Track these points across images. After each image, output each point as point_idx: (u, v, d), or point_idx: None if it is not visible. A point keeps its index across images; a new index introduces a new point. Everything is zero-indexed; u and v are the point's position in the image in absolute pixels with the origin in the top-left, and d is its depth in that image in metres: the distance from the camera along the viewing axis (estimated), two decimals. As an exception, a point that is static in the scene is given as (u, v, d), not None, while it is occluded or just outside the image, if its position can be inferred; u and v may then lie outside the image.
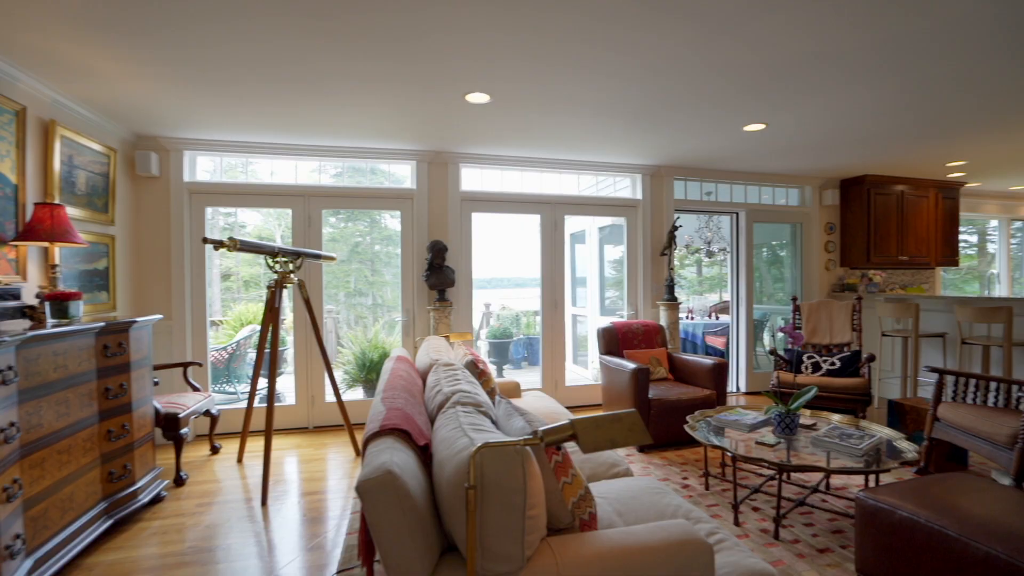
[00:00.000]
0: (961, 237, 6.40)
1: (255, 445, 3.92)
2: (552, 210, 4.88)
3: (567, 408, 4.90)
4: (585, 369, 6.21)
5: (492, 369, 6.26)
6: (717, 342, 6.24)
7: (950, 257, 6.12)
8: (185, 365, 3.74)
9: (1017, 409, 2.91)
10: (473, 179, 4.82)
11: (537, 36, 2.45)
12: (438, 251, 4.28)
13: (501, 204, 4.79)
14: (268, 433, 3.03)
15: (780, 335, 5.78)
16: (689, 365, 4.02)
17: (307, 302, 3.57)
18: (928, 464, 3.16)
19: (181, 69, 2.76)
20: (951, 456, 3.28)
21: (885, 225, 5.71)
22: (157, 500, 2.92)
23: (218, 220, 8.05)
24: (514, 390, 3.49)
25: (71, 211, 3.11)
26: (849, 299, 5.59)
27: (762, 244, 6.25)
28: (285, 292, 3.97)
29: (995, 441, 2.64)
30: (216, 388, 5.33)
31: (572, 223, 6.46)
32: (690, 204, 5.36)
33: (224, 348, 5.53)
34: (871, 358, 3.83)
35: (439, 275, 4.32)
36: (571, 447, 2.39)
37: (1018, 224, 7.59)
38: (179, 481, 3.18)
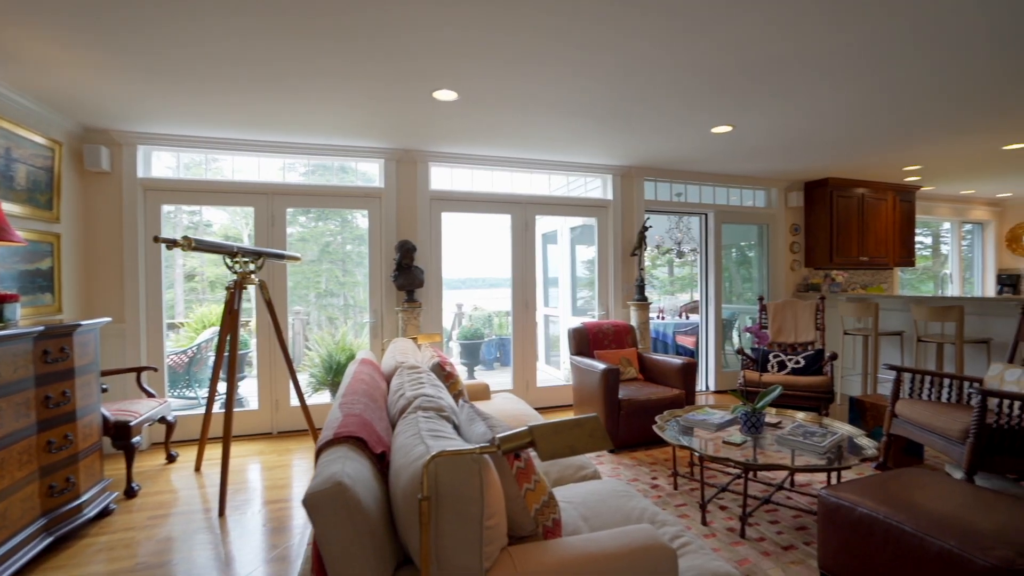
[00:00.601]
0: (917, 239, 6.64)
1: (215, 452, 3.76)
2: (523, 210, 4.85)
3: (538, 409, 4.88)
4: (557, 369, 6.21)
5: (463, 371, 6.20)
6: (687, 341, 6.32)
7: (907, 258, 6.35)
8: (139, 370, 3.57)
9: (968, 405, 3.01)
10: (443, 178, 4.76)
11: (505, 34, 2.41)
12: (406, 251, 4.20)
13: (471, 204, 4.73)
14: (226, 439, 2.91)
15: (747, 335, 5.89)
16: (659, 365, 4.04)
17: (269, 303, 3.44)
18: (887, 459, 3.25)
19: (132, 59, 2.62)
20: (908, 450, 3.38)
21: (846, 227, 5.88)
22: (105, 514, 2.76)
23: (182, 218, 7.74)
24: (483, 392, 3.44)
25: (9, 207, 2.92)
26: (813, 299, 5.73)
27: (731, 245, 6.36)
28: (248, 293, 3.84)
29: (948, 436, 2.72)
30: (175, 393, 5.12)
31: (544, 223, 6.45)
32: (660, 205, 5.41)
33: (184, 351, 5.31)
34: (833, 356, 3.93)
35: (408, 275, 4.23)
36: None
37: (968, 227, 7.94)
38: (130, 493, 3.02)
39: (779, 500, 2.85)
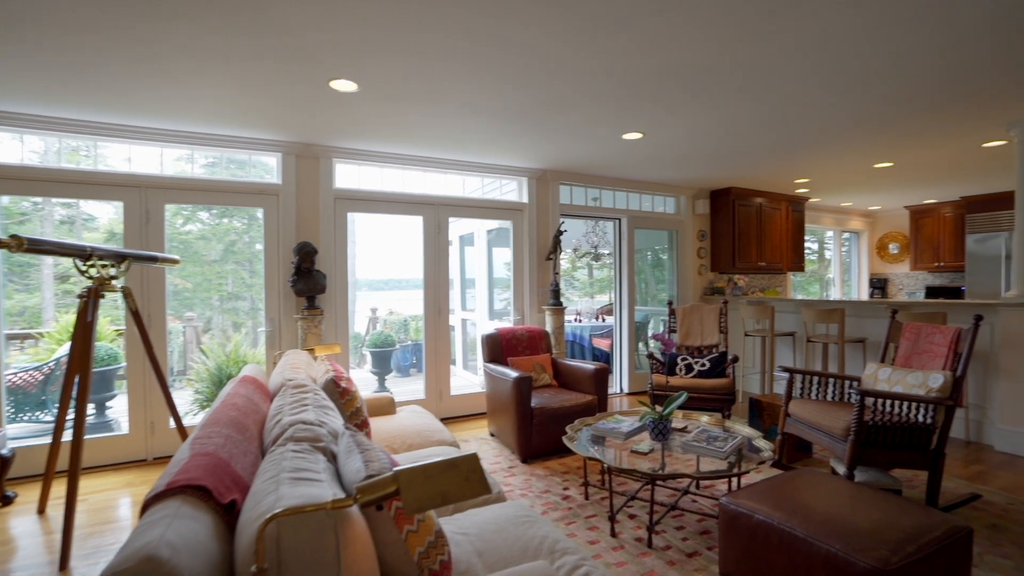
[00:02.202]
0: (806, 245, 7.23)
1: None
2: (435, 212, 4.65)
3: (452, 419, 4.70)
4: (476, 375, 6.06)
5: (373, 381, 5.87)
6: (603, 344, 6.43)
7: (798, 263, 6.89)
8: (-38, 395, 2.96)
9: (849, 402, 3.24)
10: (349, 176, 4.44)
11: (404, 27, 2.22)
12: (306, 254, 3.86)
13: (380, 204, 4.46)
14: (73, 472, 2.46)
15: (654, 342, 6.09)
16: (573, 371, 4.01)
17: (135, 313, 2.99)
18: (781, 456, 3.42)
19: (-67, 16, 2.12)
20: (799, 446, 3.58)
21: (747, 233, 6.26)
22: (-100, 579, 2.22)
23: (54, 211, 6.72)
24: (387, 406, 3.21)
25: None
26: (718, 302, 6.04)
27: (647, 248, 6.56)
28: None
29: (833, 434, 2.89)
30: (28, 417, 4.37)
31: (461, 225, 6.28)
32: (575, 209, 5.43)
33: (39, 367, 4.55)
34: (735, 359, 4.11)
35: (308, 280, 3.89)
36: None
37: (847, 235, 8.80)
38: (-60, 549, 2.46)
39: (685, 504, 2.89)
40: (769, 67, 2.75)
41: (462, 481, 0.92)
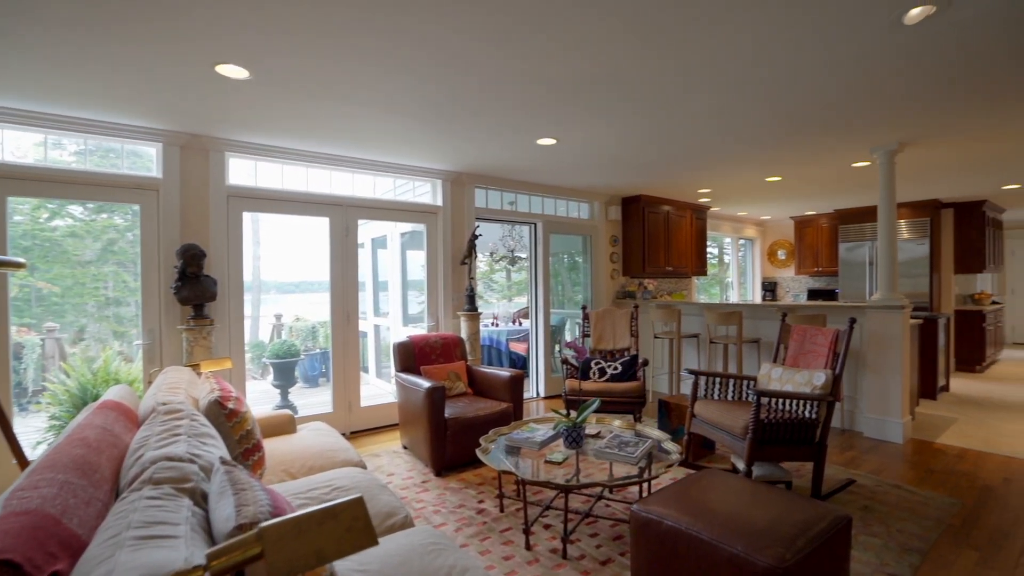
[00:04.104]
0: (708, 251, 7.73)
1: None
2: (343, 213, 4.37)
3: (362, 432, 4.44)
4: (389, 384, 5.80)
5: (275, 395, 5.42)
6: (520, 348, 6.42)
7: (701, 268, 7.34)
8: None
9: (748, 401, 3.44)
10: (245, 172, 4.04)
11: (299, 21, 2.01)
12: (192, 257, 3.44)
13: (280, 204, 4.10)
14: None
15: (568, 349, 6.19)
16: (488, 378, 3.94)
17: (-39, 329, 2.47)
18: (688, 455, 3.57)
19: None
20: (704, 444, 3.77)
21: (656, 239, 6.55)
22: None
23: None
24: (286, 425, 2.93)
25: None
26: (629, 306, 6.26)
27: (563, 252, 6.65)
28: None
29: (733, 433, 3.05)
30: None
31: (373, 227, 6.00)
32: (491, 213, 5.38)
33: None
34: (645, 363, 4.25)
35: (195, 286, 3.47)
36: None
37: (743, 241, 9.56)
38: None
39: (599, 510, 2.90)
40: (669, 83, 2.85)
41: (343, 533, 0.78)
